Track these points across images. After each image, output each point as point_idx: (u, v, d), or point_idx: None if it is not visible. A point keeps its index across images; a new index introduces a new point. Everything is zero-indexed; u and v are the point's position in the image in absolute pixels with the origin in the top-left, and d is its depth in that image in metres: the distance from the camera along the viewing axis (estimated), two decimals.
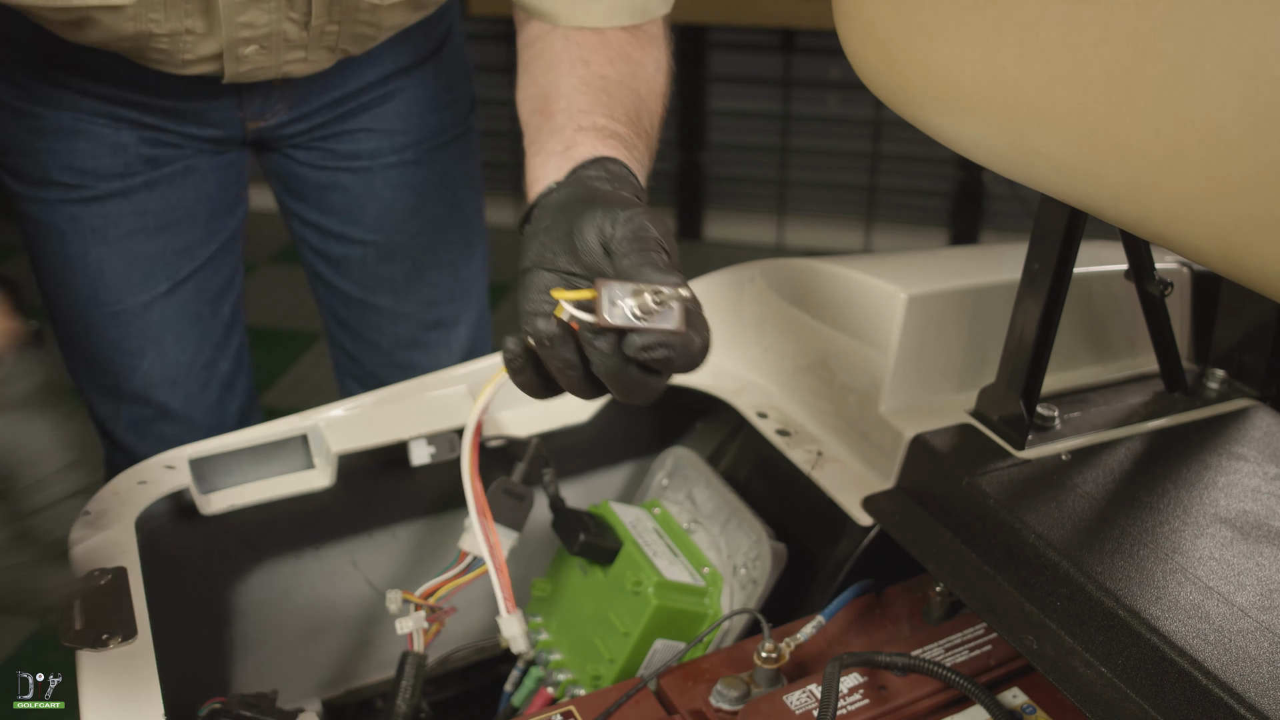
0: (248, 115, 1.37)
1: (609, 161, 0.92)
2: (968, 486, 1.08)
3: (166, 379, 1.46)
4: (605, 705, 1.00)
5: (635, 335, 0.73)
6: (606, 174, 0.90)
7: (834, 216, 4.26)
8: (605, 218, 0.81)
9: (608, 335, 0.74)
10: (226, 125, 1.38)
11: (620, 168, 0.91)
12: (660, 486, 1.35)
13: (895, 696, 1.00)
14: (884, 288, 1.19)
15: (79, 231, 1.36)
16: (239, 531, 1.19)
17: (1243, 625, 0.91)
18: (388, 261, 1.53)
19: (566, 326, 0.76)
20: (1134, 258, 1.15)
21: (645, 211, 0.80)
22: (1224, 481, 1.10)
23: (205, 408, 1.51)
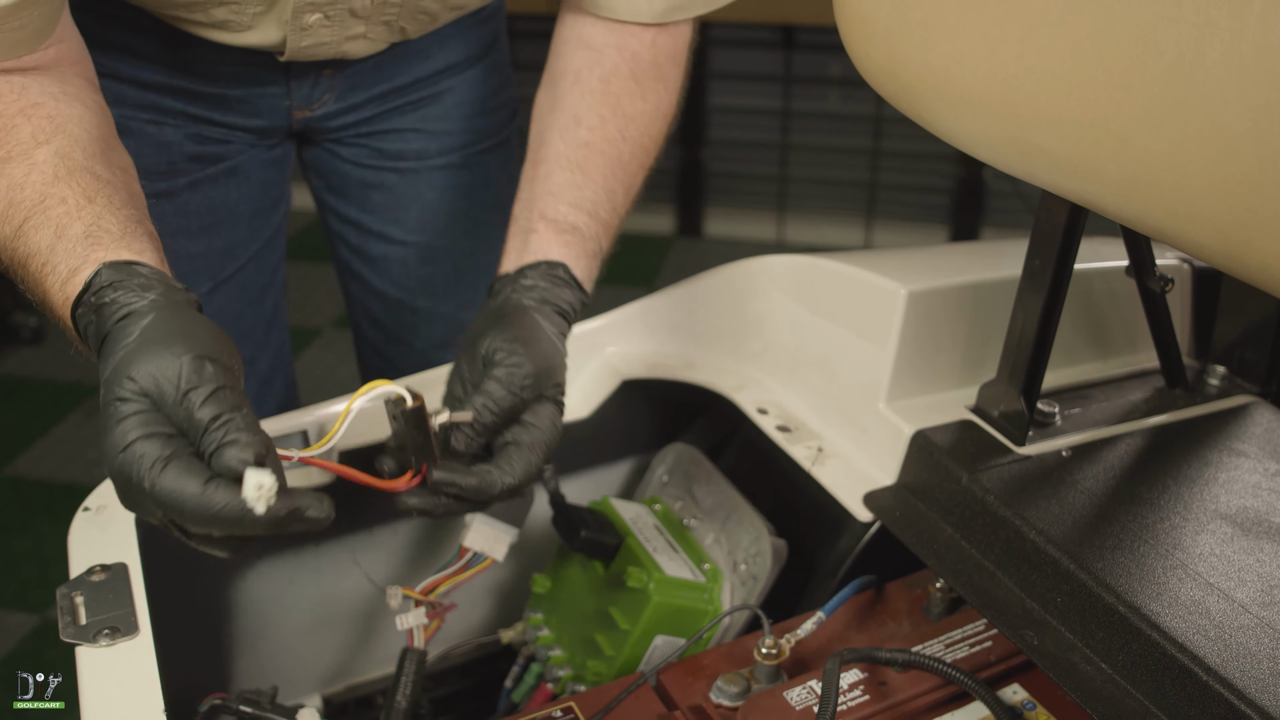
0: (295, 104, 1.36)
1: (555, 266, 1.05)
2: (968, 483, 1.08)
3: None
4: (605, 701, 1.01)
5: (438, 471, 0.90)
6: (544, 283, 1.04)
7: (834, 213, 4.25)
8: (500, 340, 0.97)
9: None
10: (273, 115, 1.37)
11: (562, 274, 1.04)
12: (660, 483, 1.35)
13: (895, 692, 1.00)
14: (884, 284, 1.19)
15: None
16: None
17: (1243, 621, 0.91)
18: (429, 263, 1.53)
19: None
20: (1134, 254, 1.15)
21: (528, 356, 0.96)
22: (1224, 478, 1.10)
23: None
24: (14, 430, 3.13)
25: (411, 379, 1.26)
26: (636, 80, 1.13)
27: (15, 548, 2.69)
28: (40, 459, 3.01)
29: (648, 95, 1.14)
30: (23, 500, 2.85)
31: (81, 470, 2.93)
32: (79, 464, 2.97)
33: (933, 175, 4.13)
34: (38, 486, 2.90)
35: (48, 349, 3.48)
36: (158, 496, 0.72)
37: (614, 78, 1.13)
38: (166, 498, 0.72)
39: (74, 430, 3.12)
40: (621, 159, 1.11)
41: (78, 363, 1.49)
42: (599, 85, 1.12)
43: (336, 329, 3.63)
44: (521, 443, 0.96)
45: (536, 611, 1.29)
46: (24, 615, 2.48)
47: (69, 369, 3.35)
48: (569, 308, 1.03)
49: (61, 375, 3.35)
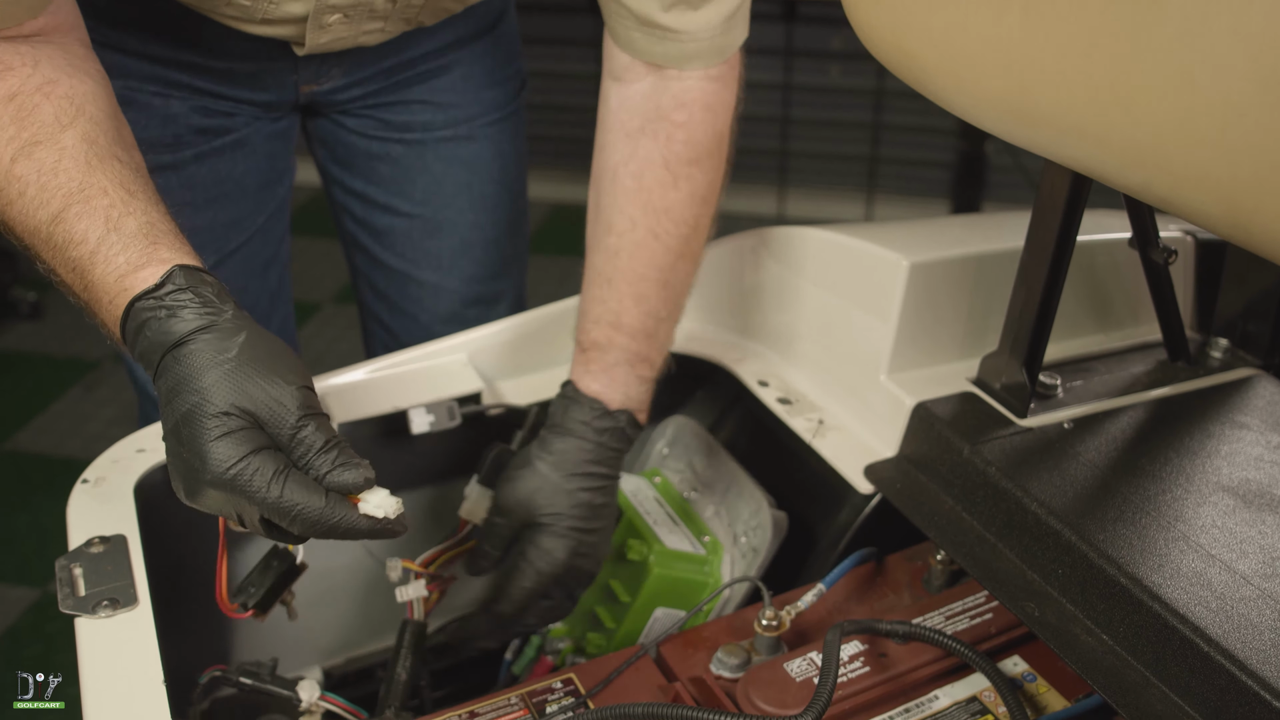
0: (302, 79, 1.35)
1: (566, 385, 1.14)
2: (970, 455, 1.08)
3: None
4: (606, 672, 1.00)
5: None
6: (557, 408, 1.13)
7: (835, 188, 4.24)
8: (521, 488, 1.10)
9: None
10: (280, 89, 1.36)
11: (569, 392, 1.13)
12: (660, 455, 1.35)
13: (896, 664, 1.00)
14: (886, 255, 1.19)
15: None
16: None
17: (1245, 593, 0.90)
18: (434, 236, 1.52)
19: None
20: (1138, 225, 1.14)
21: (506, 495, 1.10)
22: (1227, 450, 1.10)
23: None
24: (13, 405, 3.13)
25: (413, 350, 1.26)
26: (669, 168, 1.13)
27: (15, 522, 2.69)
28: (40, 434, 3.01)
29: (681, 184, 1.13)
30: (22, 475, 2.85)
31: (81, 445, 2.92)
32: (79, 439, 2.97)
33: (934, 149, 4.11)
34: (37, 461, 2.90)
35: (46, 324, 3.47)
36: (280, 505, 0.79)
37: (647, 170, 1.13)
38: (289, 507, 0.79)
39: (73, 405, 3.12)
40: (654, 259, 1.13)
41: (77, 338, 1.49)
42: (632, 183, 1.13)
43: (337, 304, 3.62)
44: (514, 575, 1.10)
45: None
46: (24, 589, 2.48)
47: (68, 344, 3.34)
48: (574, 423, 1.10)
49: (60, 350, 3.34)
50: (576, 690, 1.00)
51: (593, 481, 1.09)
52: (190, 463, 0.79)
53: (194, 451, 0.79)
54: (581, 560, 1.09)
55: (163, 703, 0.83)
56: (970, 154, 4.04)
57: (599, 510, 1.10)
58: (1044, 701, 0.98)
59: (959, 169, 4.10)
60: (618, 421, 1.11)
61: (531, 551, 1.08)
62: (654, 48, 1.10)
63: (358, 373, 1.23)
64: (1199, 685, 0.85)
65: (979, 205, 4.11)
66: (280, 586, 1.00)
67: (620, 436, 1.11)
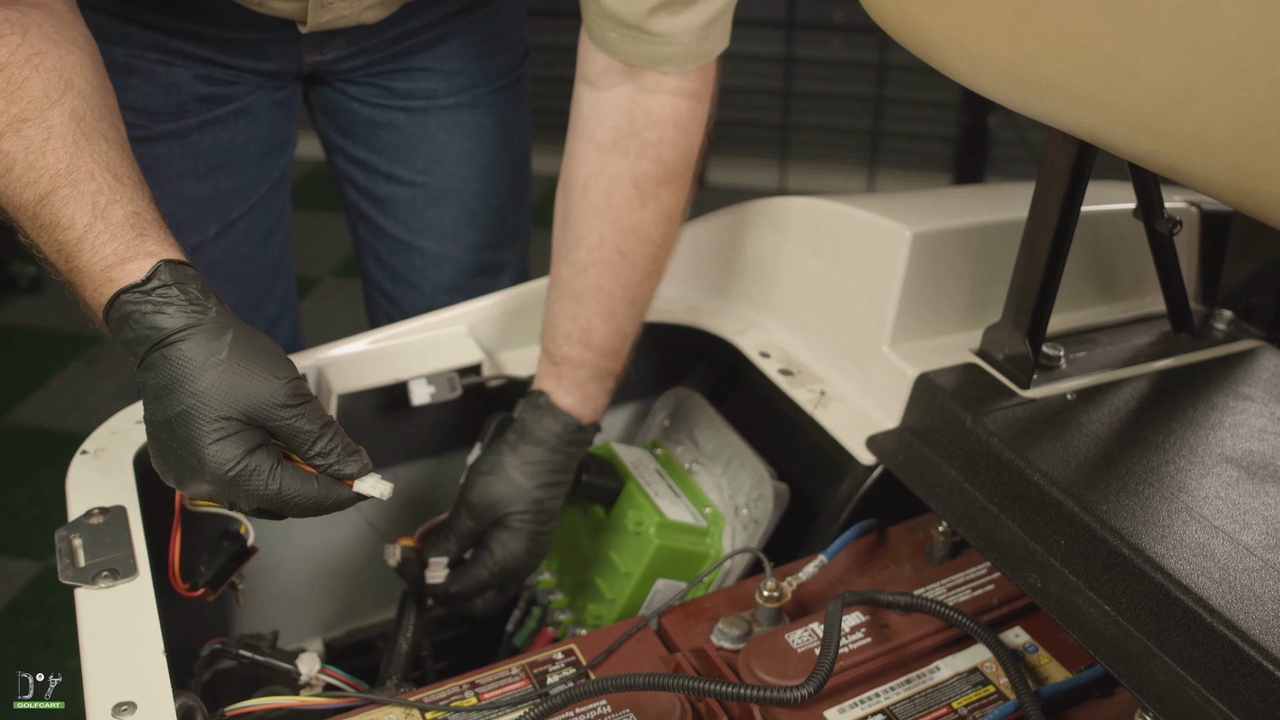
0: (306, 48, 1.34)
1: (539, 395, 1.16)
2: (972, 425, 1.07)
3: None
4: (607, 644, 1.00)
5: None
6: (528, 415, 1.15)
7: (837, 161, 4.22)
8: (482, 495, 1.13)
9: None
10: (283, 59, 1.35)
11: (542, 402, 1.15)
12: (662, 427, 1.34)
13: (897, 635, 1.00)
14: (889, 225, 1.18)
15: None
16: None
17: (1248, 563, 0.90)
18: (437, 205, 1.52)
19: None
20: (1143, 194, 1.14)
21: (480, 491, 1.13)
22: (1230, 421, 1.10)
23: None
24: (13, 379, 3.13)
25: (413, 322, 1.25)
26: (638, 187, 1.13)
27: (16, 496, 2.69)
28: (40, 408, 3.01)
29: (649, 203, 1.14)
30: (23, 449, 2.85)
31: (81, 419, 2.92)
32: (79, 412, 2.97)
33: (936, 123, 4.09)
34: (38, 435, 2.90)
35: (46, 298, 3.46)
36: (279, 498, 0.84)
37: (616, 187, 1.13)
38: (288, 498, 0.85)
39: (73, 379, 3.12)
40: (620, 276, 1.15)
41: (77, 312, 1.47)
42: (601, 200, 1.14)
43: (336, 277, 3.61)
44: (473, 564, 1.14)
45: None
46: (26, 563, 2.49)
47: (68, 318, 3.34)
48: (546, 434, 1.14)
49: (60, 324, 3.33)
50: (578, 661, 1.00)
51: (554, 490, 1.14)
52: (185, 459, 0.83)
53: (191, 452, 0.82)
54: (533, 557, 1.15)
55: (163, 672, 0.83)
56: (973, 128, 4.02)
57: (553, 513, 1.15)
58: (1045, 673, 0.98)
59: (961, 143, 4.08)
60: (585, 435, 1.16)
61: (494, 545, 1.13)
62: (630, 49, 1.09)
63: (358, 344, 1.22)
64: (1201, 656, 0.85)
65: (981, 179, 4.09)
66: (230, 568, 1.02)
67: (584, 446, 1.17)
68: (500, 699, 0.95)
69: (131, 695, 0.81)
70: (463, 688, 0.97)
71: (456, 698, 0.96)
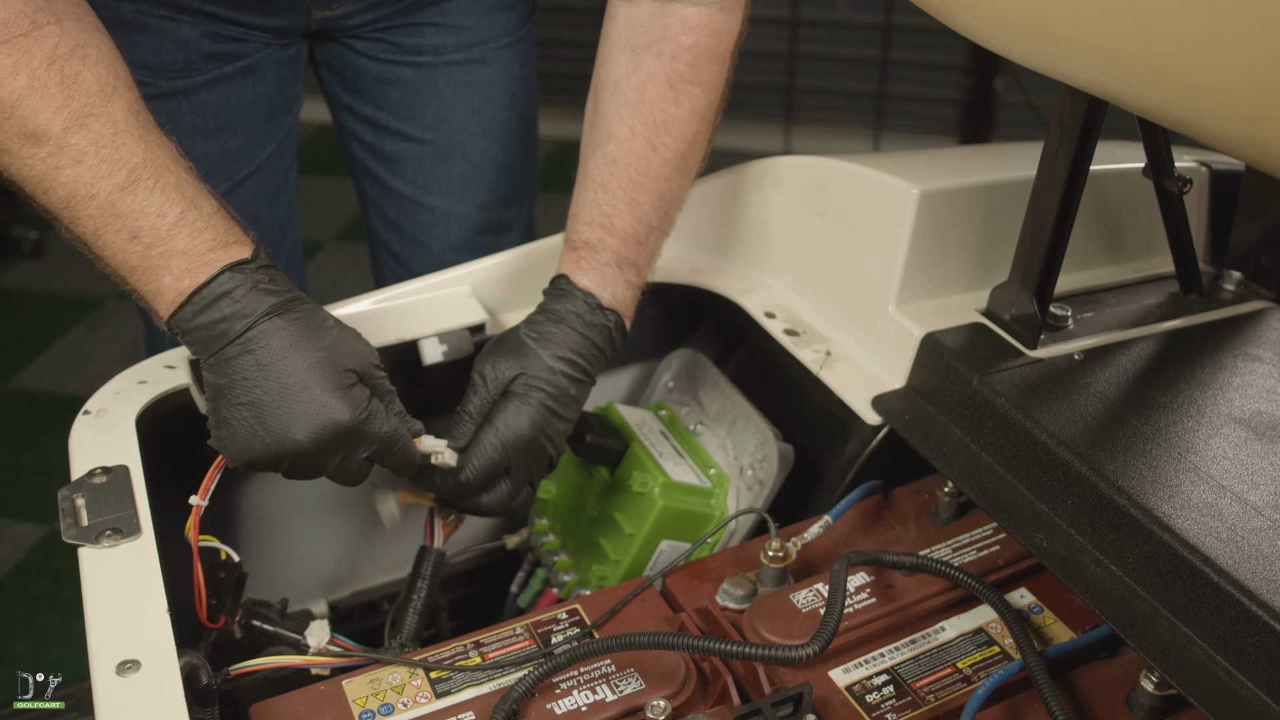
0: (314, 3, 1.33)
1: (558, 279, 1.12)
2: (979, 385, 1.07)
3: None
4: (611, 604, 1.00)
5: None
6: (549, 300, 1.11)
7: (842, 124, 4.20)
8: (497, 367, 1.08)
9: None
10: (292, 15, 1.34)
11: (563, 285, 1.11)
12: (666, 389, 1.34)
13: (902, 595, 1.00)
14: (895, 184, 1.17)
15: None
16: None
17: (1256, 523, 0.90)
18: (445, 161, 1.51)
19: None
20: (1153, 152, 1.12)
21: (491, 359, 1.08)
22: (1239, 382, 1.09)
23: None
24: (16, 344, 3.13)
25: (416, 282, 1.24)
26: (671, 85, 1.13)
27: (21, 459, 2.70)
28: (44, 372, 3.01)
29: (682, 100, 1.13)
30: (28, 413, 2.85)
31: (85, 383, 2.92)
32: (82, 377, 2.97)
33: (942, 86, 4.06)
34: (42, 399, 2.90)
35: (49, 262, 3.45)
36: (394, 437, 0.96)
37: (649, 85, 1.13)
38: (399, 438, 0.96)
39: (77, 344, 3.11)
40: (650, 169, 1.13)
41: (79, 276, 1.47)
42: (634, 96, 1.13)
43: (339, 241, 3.61)
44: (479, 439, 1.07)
45: (541, 517, 1.29)
46: (31, 526, 2.50)
47: (71, 283, 3.33)
48: (566, 313, 1.10)
49: (64, 289, 3.33)
50: (582, 621, 1.00)
51: (574, 370, 1.08)
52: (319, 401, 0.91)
53: (314, 399, 0.91)
54: (545, 442, 1.07)
55: (167, 631, 0.83)
56: (979, 90, 4.00)
57: (570, 400, 1.08)
58: (1050, 633, 0.98)
59: (967, 106, 4.06)
60: (607, 320, 1.10)
61: (500, 420, 1.06)
62: None
63: (362, 303, 1.22)
64: (1208, 615, 0.85)
65: (987, 143, 4.07)
66: (237, 594, 1.05)
67: (606, 336, 1.11)
68: (504, 658, 0.95)
69: (135, 654, 0.81)
70: (467, 647, 0.97)
71: (461, 657, 0.96)
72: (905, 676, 0.93)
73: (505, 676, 0.93)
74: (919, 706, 0.90)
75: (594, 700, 0.89)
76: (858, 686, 0.92)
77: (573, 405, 1.09)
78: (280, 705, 0.91)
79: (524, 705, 0.88)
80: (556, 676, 0.91)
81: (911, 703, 0.91)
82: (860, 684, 0.92)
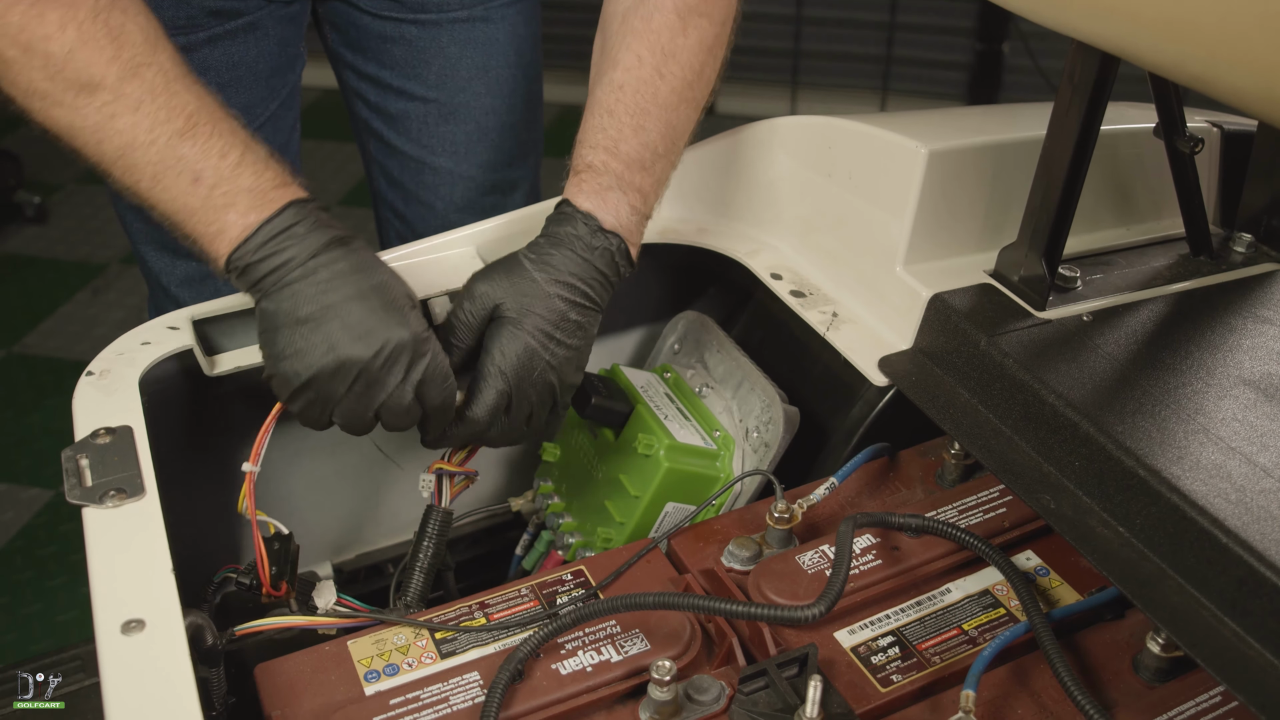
0: None
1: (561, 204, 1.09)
2: (986, 346, 1.06)
3: None
4: (616, 565, 1.00)
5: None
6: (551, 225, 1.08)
7: (849, 89, 4.17)
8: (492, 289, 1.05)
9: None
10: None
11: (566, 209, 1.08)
12: (672, 351, 1.33)
13: (908, 557, 0.99)
14: (904, 143, 1.15)
15: None
16: (245, 394, 1.17)
17: (1265, 485, 0.89)
18: (449, 121, 1.50)
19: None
20: (1165, 111, 1.11)
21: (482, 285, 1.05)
22: (1249, 344, 1.08)
23: None
24: (21, 308, 3.13)
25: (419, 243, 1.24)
26: (679, 15, 1.11)
27: (27, 423, 2.70)
28: (49, 336, 3.01)
29: (690, 30, 1.11)
30: (33, 377, 2.86)
31: (90, 348, 2.91)
32: (87, 341, 2.97)
33: (950, 49, 4.03)
34: (47, 363, 2.90)
35: (52, 227, 3.44)
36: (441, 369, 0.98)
37: (657, 14, 1.11)
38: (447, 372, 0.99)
39: (81, 308, 3.11)
40: (658, 96, 1.11)
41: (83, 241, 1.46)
42: (641, 24, 1.11)
43: (344, 206, 3.59)
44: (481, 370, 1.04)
45: (546, 480, 1.29)
46: (38, 490, 2.50)
47: (75, 247, 3.32)
48: (566, 236, 1.06)
49: (67, 254, 3.32)
50: (587, 582, 0.99)
51: (573, 294, 1.04)
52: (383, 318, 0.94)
53: (394, 312, 0.95)
54: (547, 370, 1.03)
55: (172, 590, 0.83)
56: (987, 54, 3.97)
57: (574, 327, 1.04)
58: (1056, 596, 0.98)
59: (975, 69, 4.03)
60: (609, 242, 1.06)
61: (494, 347, 1.02)
62: None
63: None
64: (1216, 577, 0.84)
65: None
66: (295, 561, 1.06)
67: (609, 260, 1.06)
68: (509, 619, 0.95)
69: (140, 613, 0.81)
70: (472, 608, 0.97)
71: (466, 618, 0.96)
72: (911, 638, 0.93)
73: (510, 637, 0.93)
74: (924, 668, 0.90)
75: (599, 661, 0.89)
76: (863, 648, 0.92)
77: (575, 332, 1.04)
78: (285, 665, 0.91)
79: (529, 666, 0.88)
80: (561, 637, 0.91)
81: (917, 664, 0.91)
82: (866, 645, 0.92)
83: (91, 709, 1.06)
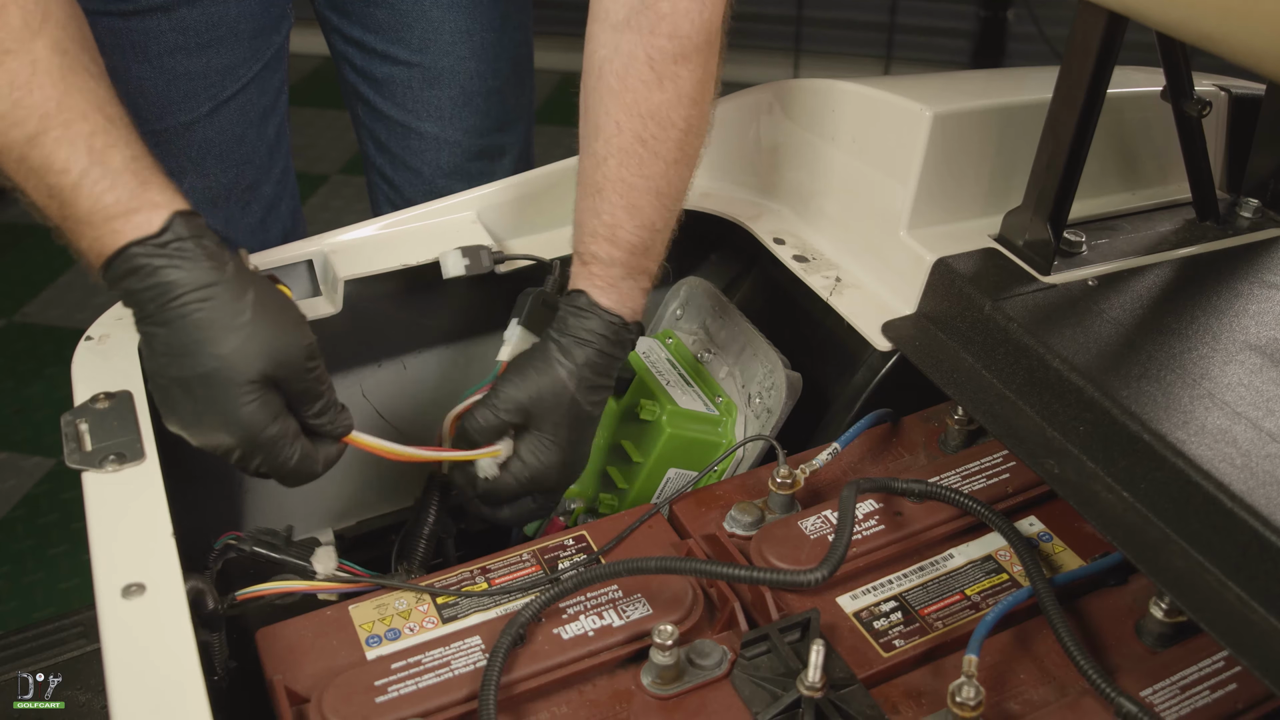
0: None
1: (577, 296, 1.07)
2: (991, 311, 1.05)
3: (207, 200, 1.42)
4: (618, 530, 1.00)
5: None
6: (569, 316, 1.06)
7: (852, 57, 4.14)
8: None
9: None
10: None
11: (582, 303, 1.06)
12: (674, 317, 1.33)
13: (911, 523, 0.99)
14: (908, 106, 1.14)
15: (118, 47, 1.29)
16: None
17: (1271, 450, 0.88)
18: (434, 85, 1.48)
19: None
20: (1172, 73, 1.10)
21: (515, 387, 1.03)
22: (1255, 309, 1.07)
23: (247, 229, 1.47)
24: (22, 277, 3.12)
25: (420, 208, 1.23)
26: (653, 67, 1.04)
27: (29, 392, 2.70)
28: (49, 305, 3.00)
29: (666, 84, 1.04)
30: (34, 346, 2.85)
31: (90, 315, 2.88)
32: (88, 310, 2.96)
33: (953, 17, 4.01)
34: (48, 332, 2.90)
35: None
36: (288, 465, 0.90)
37: (631, 69, 1.05)
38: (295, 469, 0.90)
39: (82, 277, 3.10)
40: (644, 167, 1.06)
41: None
42: (617, 83, 1.05)
43: (344, 175, 3.58)
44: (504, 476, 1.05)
45: None
46: (40, 458, 2.50)
47: None
48: (590, 334, 1.05)
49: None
50: (589, 547, 0.99)
51: (594, 395, 1.05)
52: (206, 417, 0.86)
53: (217, 412, 0.85)
54: (569, 469, 1.06)
55: (172, 554, 0.82)
56: (991, 21, 3.95)
57: (592, 420, 1.07)
58: (1059, 561, 0.97)
59: (979, 37, 4.00)
60: (631, 334, 1.08)
61: (527, 454, 1.04)
62: None
63: (368, 229, 1.20)
64: (1221, 542, 0.84)
65: None
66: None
67: (628, 348, 1.08)
68: (511, 584, 0.95)
69: (141, 577, 0.80)
70: (473, 573, 0.96)
71: (467, 583, 0.95)
72: (913, 603, 0.93)
73: (512, 602, 0.93)
74: (927, 633, 0.90)
75: (601, 625, 0.89)
76: (865, 613, 0.92)
77: (593, 425, 1.07)
78: (286, 630, 0.91)
79: (530, 630, 0.88)
80: (563, 601, 0.91)
81: (919, 629, 0.91)
82: (868, 610, 0.92)
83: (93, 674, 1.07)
